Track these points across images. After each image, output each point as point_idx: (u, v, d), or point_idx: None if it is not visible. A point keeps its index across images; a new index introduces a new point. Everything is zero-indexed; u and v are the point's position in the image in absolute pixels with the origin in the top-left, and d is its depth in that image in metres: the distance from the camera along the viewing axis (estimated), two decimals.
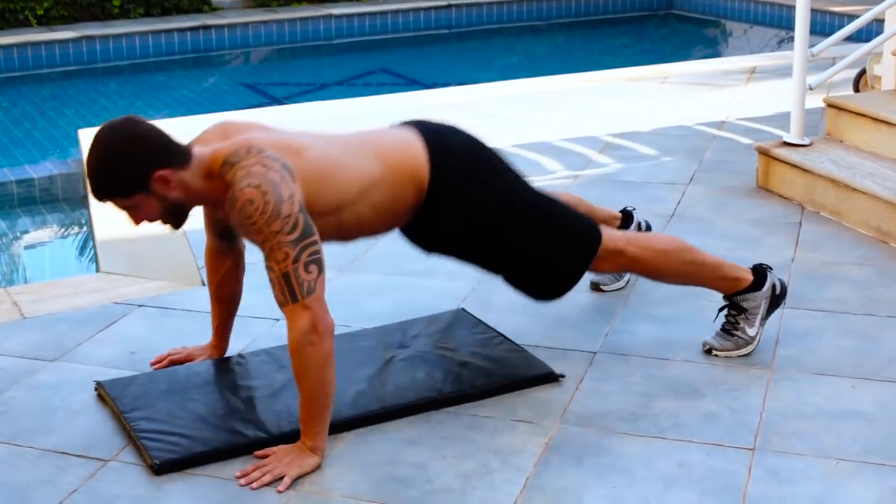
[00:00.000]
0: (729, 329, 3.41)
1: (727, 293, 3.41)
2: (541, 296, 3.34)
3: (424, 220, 3.17)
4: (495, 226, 3.19)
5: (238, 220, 2.82)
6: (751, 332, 3.40)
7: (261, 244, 2.81)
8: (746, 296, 3.39)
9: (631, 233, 3.40)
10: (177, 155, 2.84)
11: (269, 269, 2.80)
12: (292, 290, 2.77)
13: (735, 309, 3.41)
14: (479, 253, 3.26)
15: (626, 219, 3.92)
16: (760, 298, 3.40)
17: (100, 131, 2.84)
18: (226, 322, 3.42)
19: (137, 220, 2.93)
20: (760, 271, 3.42)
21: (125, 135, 2.81)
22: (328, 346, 2.80)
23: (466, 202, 3.15)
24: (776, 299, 3.44)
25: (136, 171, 2.80)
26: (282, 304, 2.80)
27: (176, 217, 2.96)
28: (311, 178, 2.90)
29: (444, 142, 3.18)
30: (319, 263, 2.80)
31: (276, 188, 2.77)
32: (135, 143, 2.80)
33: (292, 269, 2.76)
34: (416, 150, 3.12)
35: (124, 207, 2.89)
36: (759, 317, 3.40)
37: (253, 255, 3.54)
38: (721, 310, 3.45)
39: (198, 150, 2.90)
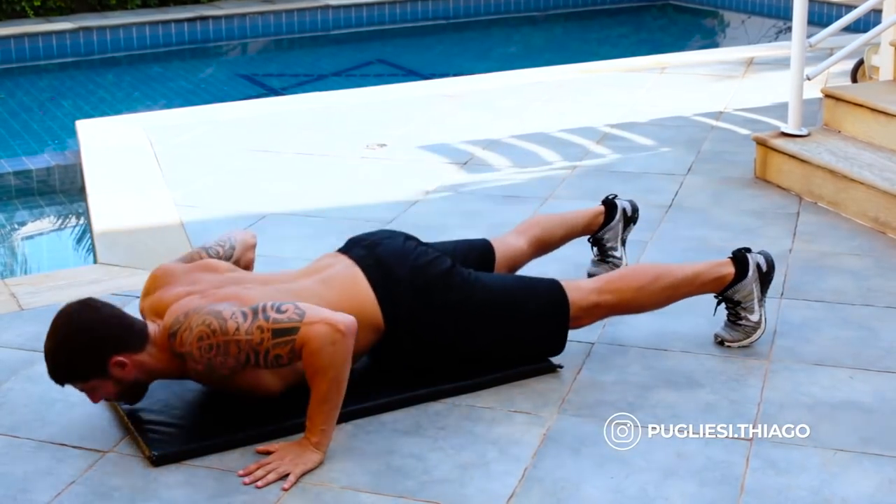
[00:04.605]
0: (734, 320, 3.41)
1: (716, 292, 3.40)
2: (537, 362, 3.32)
3: (388, 350, 3.17)
4: (458, 338, 3.17)
5: (207, 363, 2.82)
6: (753, 318, 3.39)
7: (239, 354, 2.80)
8: (735, 288, 3.37)
9: (601, 280, 3.33)
10: (132, 339, 2.87)
11: (265, 354, 2.80)
12: (287, 330, 2.77)
13: (729, 302, 3.40)
14: (456, 360, 3.22)
15: (610, 208, 3.88)
16: (749, 284, 3.37)
17: (57, 317, 2.86)
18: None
19: (95, 399, 2.93)
20: (740, 259, 3.38)
21: (81, 323, 2.84)
22: (350, 344, 2.79)
23: (425, 326, 3.14)
24: (765, 276, 3.40)
25: (91, 359, 2.83)
26: (297, 345, 2.78)
27: (134, 394, 2.96)
28: None
29: (387, 272, 3.15)
30: (284, 304, 2.82)
31: (213, 311, 2.80)
32: (90, 332, 2.82)
33: (272, 324, 2.77)
34: (363, 294, 3.09)
35: (82, 389, 2.90)
36: (756, 301, 3.39)
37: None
38: (718, 304, 3.44)
39: (151, 329, 2.92)
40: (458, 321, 3.17)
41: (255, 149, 5.73)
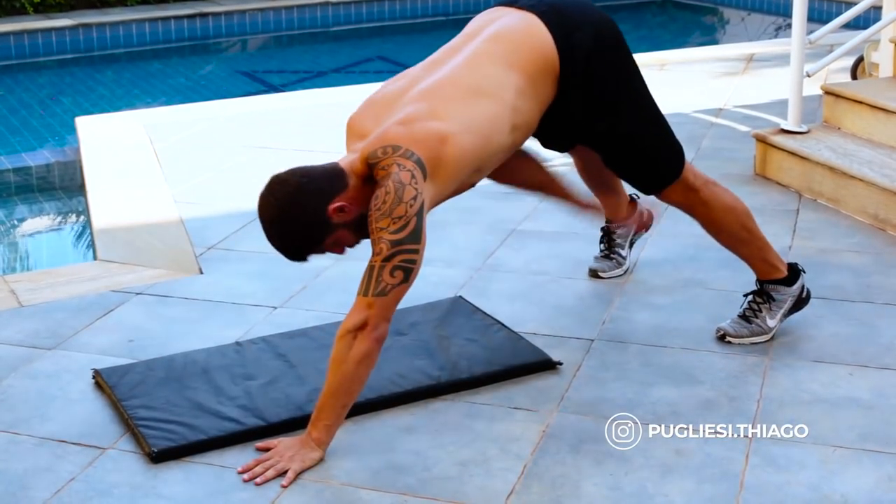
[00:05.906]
0: (748, 316, 3.41)
1: (761, 277, 3.42)
2: (638, 185, 3.39)
3: (556, 104, 3.09)
4: (613, 102, 3.14)
5: (371, 203, 2.80)
6: (770, 322, 3.40)
7: (370, 235, 2.78)
8: (778, 287, 3.40)
9: (712, 179, 3.40)
10: (335, 181, 2.81)
11: (371, 240, 2.79)
12: (368, 283, 2.75)
13: (762, 296, 3.41)
14: (601, 130, 3.19)
15: (631, 205, 3.93)
16: (789, 294, 3.41)
17: (262, 207, 2.83)
18: (566, 194, 3.65)
19: (341, 252, 2.91)
20: (795, 270, 3.45)
21: (285, 197, 2.80)
22: (371, 348, 2.76)
23: (597, 76, 3.07)
24: (800, 302, 3.46)
25: (313, 222, 2.79)
26: (358, 293, 2.78)
27: (365, 226, 2.88)
28: (458, 161, 2.86)
29: (564, 14, 3.06)
30: (408, 273, 2.75)
31: (401, 189, 2.73)
32: (297, 199, 2.78)
33: (379, 265, 2.73)
34: (541, 38, 3.01)
35: (324, 252, 2.88)
36: (782, 311, 3.42)
37: (262, 248, 3.52)
38: (747, 295, 3.45)
39: (346, 162, 2.86)
40: (623, 84, 3.16)
41: (255, 145, 5.73)
